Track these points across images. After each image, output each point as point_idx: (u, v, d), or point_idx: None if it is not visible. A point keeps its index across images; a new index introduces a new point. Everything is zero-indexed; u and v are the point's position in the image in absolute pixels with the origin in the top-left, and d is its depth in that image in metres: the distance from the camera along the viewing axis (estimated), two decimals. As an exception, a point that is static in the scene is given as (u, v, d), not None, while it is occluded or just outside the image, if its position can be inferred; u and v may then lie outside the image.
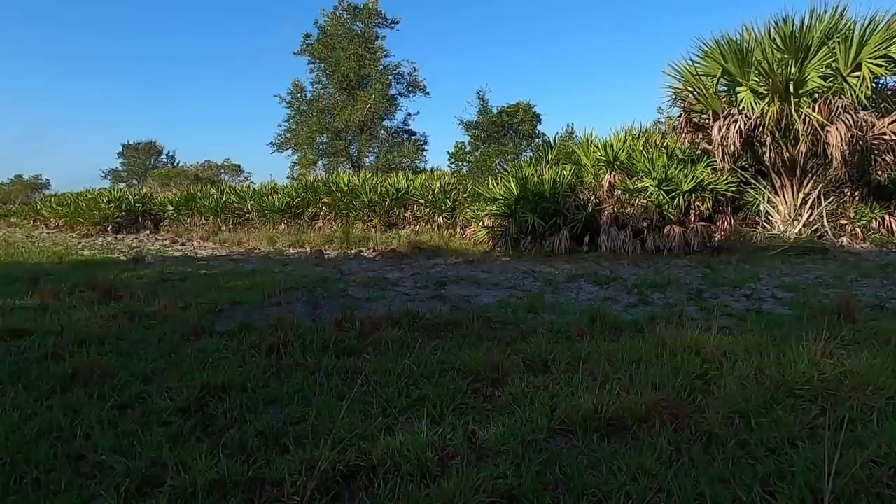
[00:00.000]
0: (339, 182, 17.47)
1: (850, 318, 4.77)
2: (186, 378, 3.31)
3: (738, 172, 10.39)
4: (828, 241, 9.99)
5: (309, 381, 3.29)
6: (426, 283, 7.27)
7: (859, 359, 3.40)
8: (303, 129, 25.02)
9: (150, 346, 4.10)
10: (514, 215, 11.08)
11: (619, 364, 3.44)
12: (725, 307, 5.52)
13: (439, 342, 4.08)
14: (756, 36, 9.93)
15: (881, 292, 6.41)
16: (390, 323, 4.46)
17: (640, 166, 10.74)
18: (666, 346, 3.71)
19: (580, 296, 6.52)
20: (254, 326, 4.56)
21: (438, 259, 10.24)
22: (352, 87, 24.55)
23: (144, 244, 15.28)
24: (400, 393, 3.07)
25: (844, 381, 3.07)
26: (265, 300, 5.76)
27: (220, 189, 21.02)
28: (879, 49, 8.63)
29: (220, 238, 15.43)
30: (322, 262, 9.97)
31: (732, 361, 3.43)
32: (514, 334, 4.37)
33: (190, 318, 4.89)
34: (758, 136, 9.71)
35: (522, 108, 14.23)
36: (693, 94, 10.53)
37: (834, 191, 10.31)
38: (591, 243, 10.97)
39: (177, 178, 27.66)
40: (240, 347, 3.95)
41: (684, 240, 10.04)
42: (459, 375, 3.30)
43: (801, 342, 3.69)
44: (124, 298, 5.91)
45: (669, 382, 3.12)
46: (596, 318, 4.62)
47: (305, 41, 25.28)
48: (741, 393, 2.92)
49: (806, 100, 9.12)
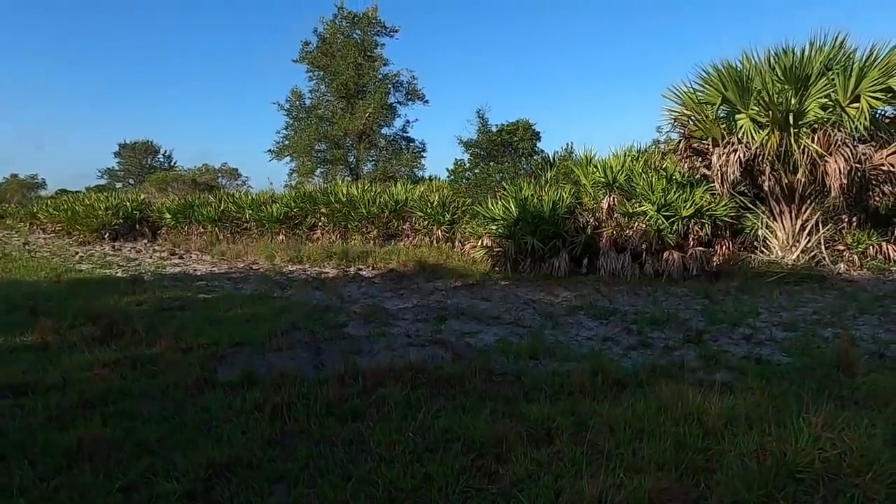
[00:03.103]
0: (338, 192, 17.48)
1: (850, 372, 4.81)
2: (191, 448, 3.32)
3: (737, 198, 10.44)
4: (825, 267, 10.05)
5: (314, 453, 3.30)
6: (426, 316, 7.29)
7: (859, 430, 3.44)
8: (301, 137, 24.98)
9: (153, 402, 4.11)
10: (514, 236, 11.11)
11: (622, 436, 3.47)
12: (725, 353, 5.56)
13: (442, 401, 4.10)
14: (756, 63, 9.97)
15: (879, 333, 6.46)
16: (392, 376, 4.47)
17: (640, 189, 10.79)
18: (668, 412, 3.74)
19: (580, 333, 6.55)
20: (256, 377, 4.58)
21: (438, 282, 10.26)
22: (350, 95, 24.51)
23: (142, 256, 15.26)
24: (405, 471, 3.08)
25: (844, 462, 3.10)
26: (266, 341, 5.76)
27: (218, 197, 20.99)
28: (878, 83, 8.68)
29: (219, 250, 15.42)
30: (322, 285, 9.97)
31: (734, 434, 3.46)
32: (516, 390, 4.40)
33: (192, 366, 4.90)
34: (757, 164, 9.75)
35: (522, 126, 14.26)
36: (693, 119, 10.57)
37: (832, 217, 10.37)
38: (590, 265, 11.03)
39: (174, 183, 27.61)
40: (243, 407, 3.95)
41: (683, 265, 10.10)
42: (463, 449, 3.32)
43: (801, 409, 3.72)
44: (125, 336, 5.92)
45: (672, 461, 3.15)
46: (597, 371, 4.65)
47: (304, 49, 25.27)
48: (743, 478, 2.95)
49: (805, 130, 9.17)
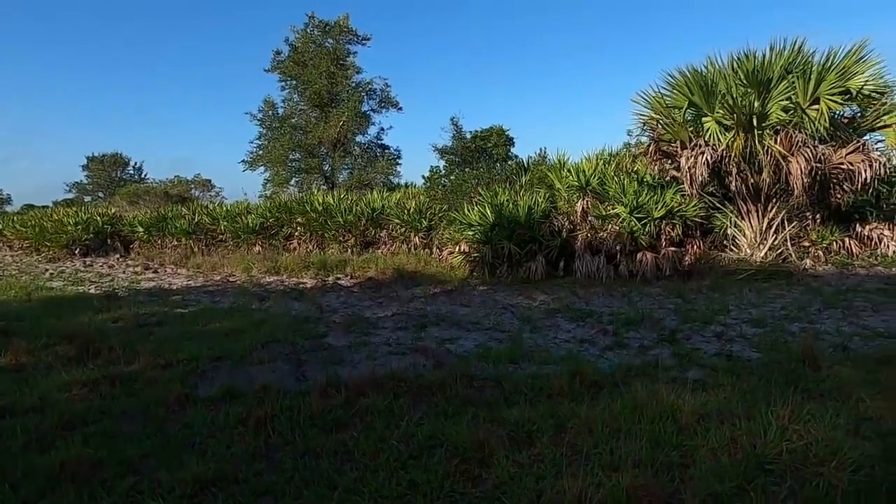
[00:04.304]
0: (314, 202, 17.43)
1: (815, 366, 5.00)
2: (176, 465, 3.34)
3: (706, 199, 10.72)
4: (792, 263, 10.37)
5: (299, 465, 3.34)
6: (406, 323, 7.34)
7: (824, 421, 3.61)
8: (275, 147, 24.86)
9: (134, 420, 4.10)
10: (491, 242, 11.23)
11: (600, 435, 3.58)
12: (697, 351, 5.74)
13: (425, 409, 4.17)
14: (720, 68, 10.28)
15: (843, 326, 6.71)
16: (375, 386, 4.53)
17: (612, 192, 11.01)
18: (644, 411, 3.86)
19: (558, 335, 6.68)
20: (238, 392, 4.59)
21: (417, 289, 10.31)
22: (324, 103, 24.49)
23: (115, 271, 15.01)
24: (390, 479, 3.15)
25: (810, 452, 3.25)
26: (246, 354, 5.76)
27: (191, 209, 20.73)
28: (836, 85, 9.03)
29: (194, 263, 15.24)
30: (301, 296, 9.96)
31: (706, 429, 3.59)
32: (496, 394, 4.49)
33: (172, 382, 4.88)
34: (724, 166, 10.04)
35: (496, 132, 14.45)
36: (661, 123, 10.84)
37: (796, 215, 10.71)
38: (567, 269, 11.19)
39: (146, 196, 27.16)
40: (226, 422, 3.97)
41: (656, 265, 10.32)
42: (447, 454, 3.39)
43: (770, 403, 3.88)
44: (102, 354, 5.85)
45: (648, 458, 3.26)
46: (575, 374, 4.76)
47: (276, 58, 25.18)
48: (716, 471, 3.08)
49: (769, 132, 9.48)
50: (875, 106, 9.77)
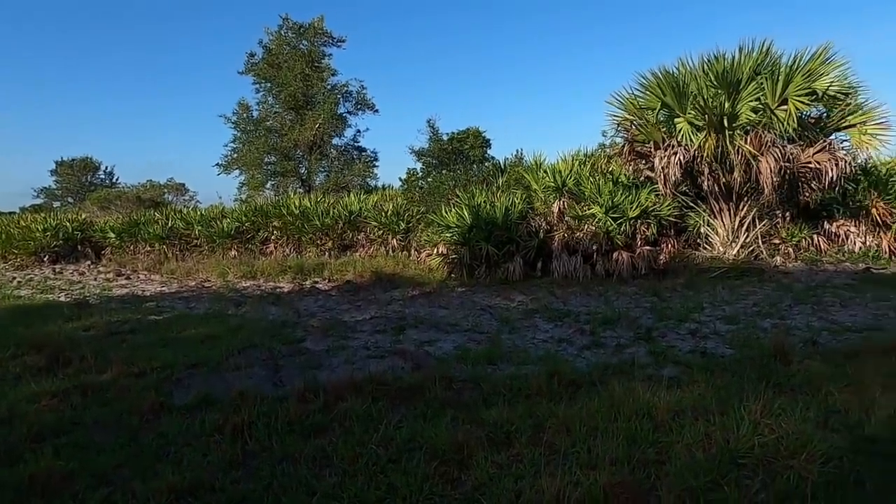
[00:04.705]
0: (290, 205, 17.27)
1: (785, 361, 5.12)
2: (150, 475, 3.28)
3: (680, 198, 10.90)
4: (763, 260, 10.60)
5: (277, 471, 3.31)
6: (385, 326, 7.32)
7: (794, 415, 3.70)
8: (250, 150, 24.58)
9: (107, 430, 4.01)
10: (469, 243, 11.25)
11: (578, 434, 3.61)
12: (672, 348, 5.83)
13: (404, 412, 4.17)
14: (691, 69, 10.47)
15: (812, 321, 6.89)
16: (353, 390, 4.50)
17: (588, 193, 11.13)
18: (620, 409, 3.91)
19: (536, 335, 6.72)
20: (214, 399, 4.52)
21: (395, 291, 10.29)
22: (299, 106, 24.29)
23: (86, 278, 14.68)
24: (369, 483, 3.13)
25: (781, 446, 3.32)
26: (223, 360, 5.69)
27: (165, 214, 20.34)
28: (803, 87, 9.26)
29: (168, 269, 14.98)
30: (278, 301, 9.86)
31: (681, 426, 3.65)
32: (475, 396, 4.50)
33: (146, 390, 4.79)
34: (696, 165, 10.22)
35: (472, 134, 14.50)
36: (635, 124, 11.00)
37: (767, 213, 10.95)
38: (544, 268, 11.28)
39: (117, 201, 26.61)
40: (202, 430, 3.91)
41: (632, 264, 10.45)
42: (426, 457, 3.39)
43: (743, 398, 3.96)
44: (73, 363, 5.71)
45: (625, 456, 3.30)
46: (553, 374, 4.80)
47: (249, 60, 24.90)
48: (691, 467, 3.13)
49: (739, 132, 9.68)
50: (840, 106, 10.04)
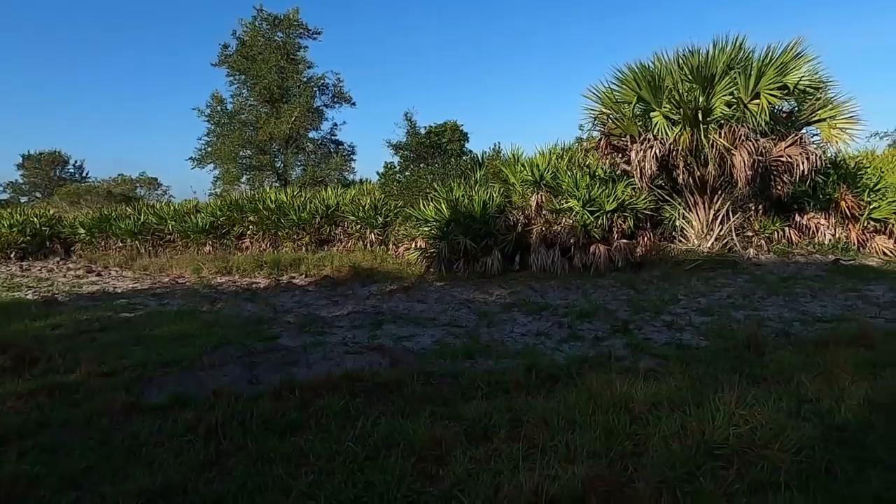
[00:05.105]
0: (266, 199, 17.09)
1: (758, 351, 5.20)
2: (121, 478, 3.20)
3: (656, 191, 11.00)
4: (737, 252, 10.77)
5: (251, 471, 3.25)
6: (362, 322, 7.27)
7: (767, 405, 3.75)
8: (224, 144, 24.15)
9: (76, 432, 3.90)
10: (447, 237, 11.23)
11: (556, 428, 3.61)
12: (649, 340, 5.88)
13: (381, 408, 4.13)
14: (666, 63, 10.55)
15: (784, 312, 7.01)
16: (330, 387, 4.45)
17: (566, 186, 11.17)
18: (598, 402, 3.92)
19: (515, 329, 6.73)
20: (188, 398, 4.43)
21: (373, 287, 10.23)
22: (275, 99, 23.94)
23: (55, 275, 14.31)
24: (346, 482, 3.09)
25: (755, 436, 3.37)
26: (196, 359, 5.57)
27: (137, 209, 19.96)
28: (774, 81, 9.41)
29: (141, 265, 14.70)
30: (253, 297, 9.72)
31: (658, 417, 3.68)
32: (454, 391, 4.47)
33: (116, 390, 4.67)
34: (672, 159, 10.32)
35: (450, 127, 14.43)
36: (611, 118, 11.06)
37: (741, 206, 11.12)
38: (522, 262, 11.33)
39: (87, 196, 25.94)
40: (175, 430, 3.82)
41: (609, 257, 10.54)
42: (404, 454, 3.35)
43: (718, 389, 4.01)
44: (40, 363, 5.55)
45: (602, 449, 3.31)
46: (532, 367, 4.81)
47: (223, 52, 24.44)
48: (667, 459, 3.15)
49: (713, 126, 9.80)
50: (811, 101, 10.22)
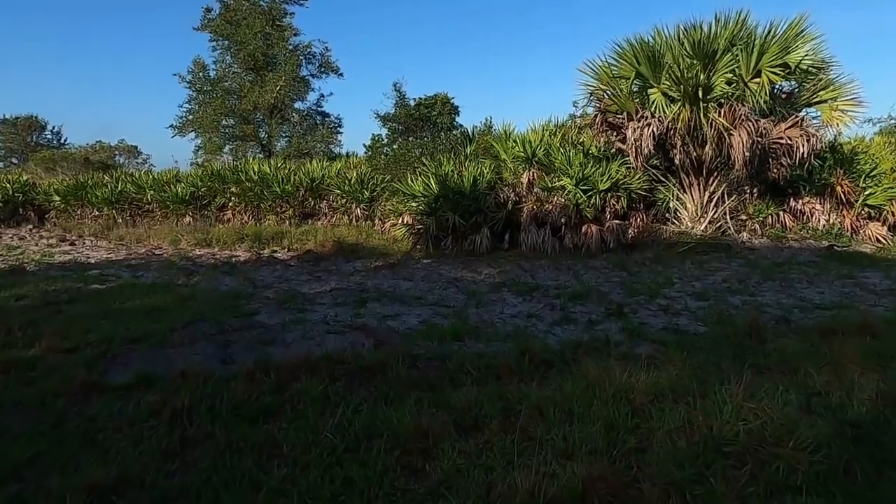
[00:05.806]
0: (249, 170, 16.54)
1: (759, 339, 4.98)
2: (71, 468, 2.88)
3: (650, 171, 10.72)
4: (730, 236, 10.57)
5: (218, 463, 2.95)
6: (345, 299, 6.94)
7: (775, 399, 3.52)
8: (206, 112, 23.35)
9: (27, 414, 3.56)
10: (435, 213, 10.88)
11: (552, 420, 3.35)
12: (645, 325, 5.64)
13: (364, 393, 3.84)
14: (667, 38, 10.19)
15: (782, 298, 6.81)
16: (309, 369, 4.14)
17: (558, 164, 10.84)
18: (596, 392, 3.66)
19: (504, 310, 6.45)
20: (155, 378, 4.10)
21: (358, 263, 9.89)
22: (259, 67, 23.12)
23: (27, 243, 13.74)
24: (323, 476, 2.81)
25: (766, 432, 3.13)
26: (167, 335, 5.23)
27: (114, 177, 19.26)
28: (776, 59, 9.11)
29: (117, 235, 14.18)
30: (232, 270, 9.34)
31: (661, 410, 3.42)
32: (441, 375, 4.19)
33: (77, 368, 4.33)
34: (669, 138, 10.03)
35: (440, 100, 13.98)
36: (608, 94, 10.70)
37: (735, 189, 10.90)
38: (512, 241, 11.03)
39: (63, 162, 25.09)
40: (137, 414, 3.50)
41: (601, 238, 10.28)
42: (387, 446, 3.07)
43: (722, 379, 3.77)
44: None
45: (603, 444, 3.06)
46: (524, 351, 4.54)
47: (206, 16, 23.50)
48: (674, 457, 2.90)
49: (713, 105, 9.50)
50: (812, 81, 9.94)
